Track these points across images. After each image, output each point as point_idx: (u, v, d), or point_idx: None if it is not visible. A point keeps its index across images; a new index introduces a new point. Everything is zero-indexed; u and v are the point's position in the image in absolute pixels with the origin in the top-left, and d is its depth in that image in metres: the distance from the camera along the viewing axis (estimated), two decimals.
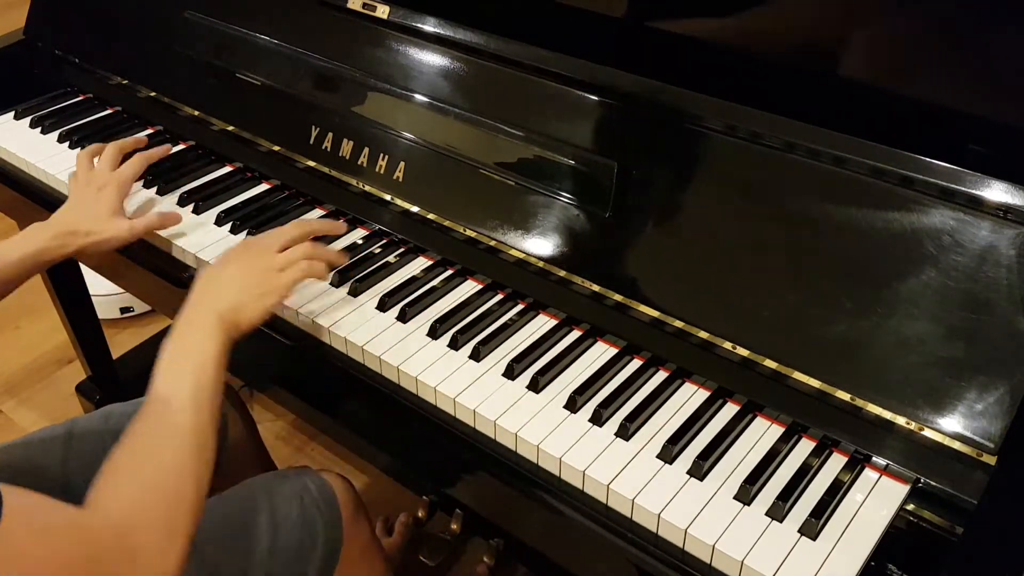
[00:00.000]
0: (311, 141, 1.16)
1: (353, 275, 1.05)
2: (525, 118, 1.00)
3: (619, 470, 0.82)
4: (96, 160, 1.16)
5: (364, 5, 1.13)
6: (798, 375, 0.84)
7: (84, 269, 1.68)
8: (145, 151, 1.18)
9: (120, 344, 1.98)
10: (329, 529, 1.00)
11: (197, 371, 0.82)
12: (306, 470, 1.07)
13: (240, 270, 0.93)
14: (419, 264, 1.09)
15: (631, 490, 0.80)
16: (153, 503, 0.73)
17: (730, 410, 0.89)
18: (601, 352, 0.96)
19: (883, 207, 0.81)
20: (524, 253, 1.00)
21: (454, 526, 1.42)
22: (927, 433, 0.78)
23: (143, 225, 1.10)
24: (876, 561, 0.75)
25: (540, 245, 0.99)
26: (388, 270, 1.07)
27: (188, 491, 0.76)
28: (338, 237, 1.11)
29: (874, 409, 0.81)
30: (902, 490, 0.80)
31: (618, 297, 0.94)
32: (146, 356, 1.92)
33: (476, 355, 0.94)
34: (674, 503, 0.79)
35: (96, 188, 1.11)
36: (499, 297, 1.03)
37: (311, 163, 1.17)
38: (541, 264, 0.99)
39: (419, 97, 1.08)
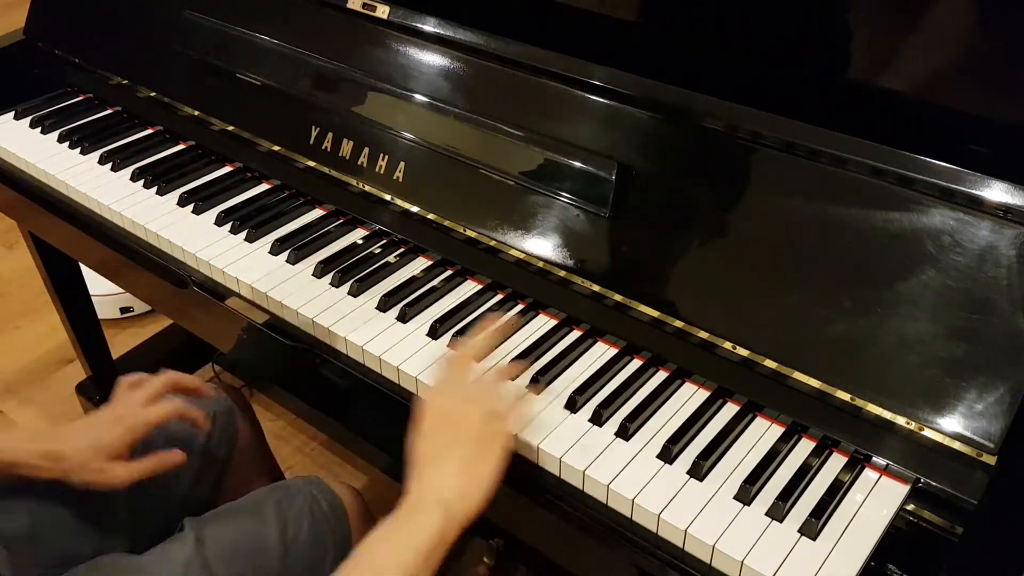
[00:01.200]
0: (311, 141, 1.16)
1: (353, 275, 1.05)
2: (525, 118, 1.00)
3: (619, 470, 0.82)
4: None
5: (364, 5, 1.13)
6: (798, 375, 0.84)
7: (84, 269, 1.68)
8: (189, 409, 1.03)
9: (120, 344, 1.98)
10: (338, 545, 1.00)
11: (415, 564, 0.74)
12: (315, 481, 1.06)
13: (462, 453, 0.80)
14: (419, 264, 1.09)
15: (631, 490, 0.80)
16: None
17: (730, 410, 0.89)
18: (601, 352, 0.96)
19: (883, 207, 0.81)
20: (524, 253, 1.00)
21: None
22: (927, 433, 0.78)
23: (139, 473, 0.96)
24: (876, 561, 0.75)
25: (540, 245, 0.99)
26: (388, 270, 1.07)
27: None
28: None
29: (874, 409, 0.81)
30: (902, 490, 0.80)
31: (618, 297, 0.94)
32: (146, 356, 1.93)
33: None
34: (674, 503, 0.79)
35: (114, 416, 0.97)
36: (499, 297, 1.03)
37: (311, 163, 1.17)
38: (541, 264, 0.99)
39: (419, 97, 1.08)
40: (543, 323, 0.99)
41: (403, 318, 0.99)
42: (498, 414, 0.83)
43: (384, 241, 1.12)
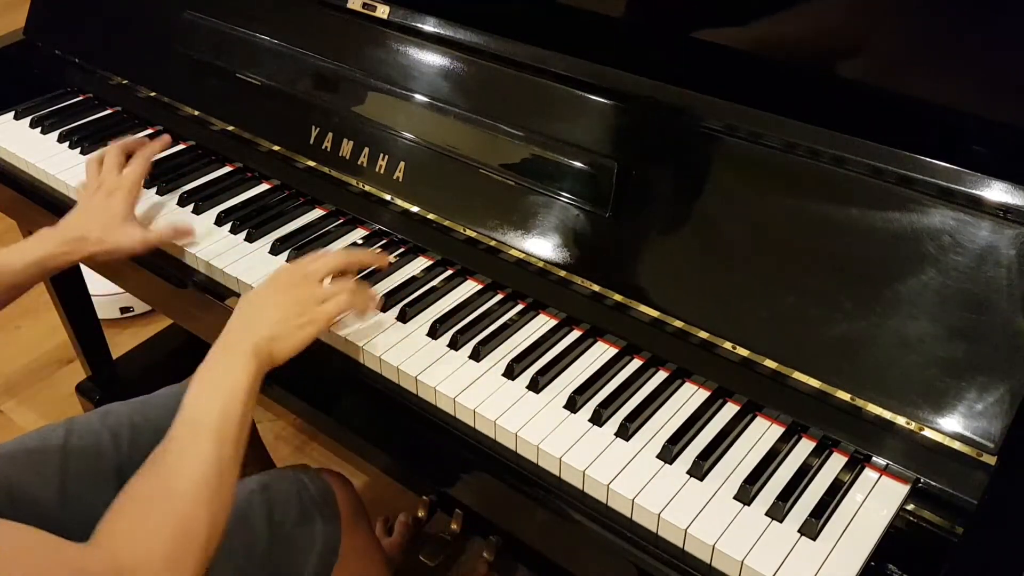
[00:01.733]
0: (311, 141, 1.16)
1: (352, 275, 1.05)
2: (525, 118, 1.00)
3: (619, 470, 0.82)
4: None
5: (364, 5, 1.13)
6: (798, 375, 0.84)
7: (84, 269, 1.68)
8: (145, 148, 1.16)
9: (120, 344, 1.98)
10: (327, 528, 1.00)
11: (226, 400, 0.80)
12: (304, 469, 1.07)
13: (280, 299, 0.90)
14: (419, 264, 1.09)
15: (631, 490, 0.80)
16: (161, 540, 0.70)
17: (730, 410, 0.89)
18: (601, 352, 0.96)
19: (883, 207, 0.81)
20: (524, 253, 1.00)
21: (454, 526, 1.43)
22: (927, 433, 0.78)
23: (156, 237, 1.09)
24: (876, 561, 0.75)
25: (540, 245, 0.99)
26: (388, 270, 1.07)
27: (200, 528, 0.72)
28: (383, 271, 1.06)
29: (874, 409, 0.81)
30: (902, 490, 0.80)
31: (618, 297, 0.94)
32: (146, 356, 1.93)
33: (476, 355, 0.94)
34: (674, 503, 0.79)
35: (105, 194, 1.09)
36: (499, 297, 1.03)
37: (311, 163, 1.17)
38: (541, 264, 0.99)
39: (419, 97, 1.08)
40: (543, 323, 0.99)
41: (403, 318, 0.99)
42: (317, 298, 0.91)
43: (384, 241, 1.12)
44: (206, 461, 0.76)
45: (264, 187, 1.23)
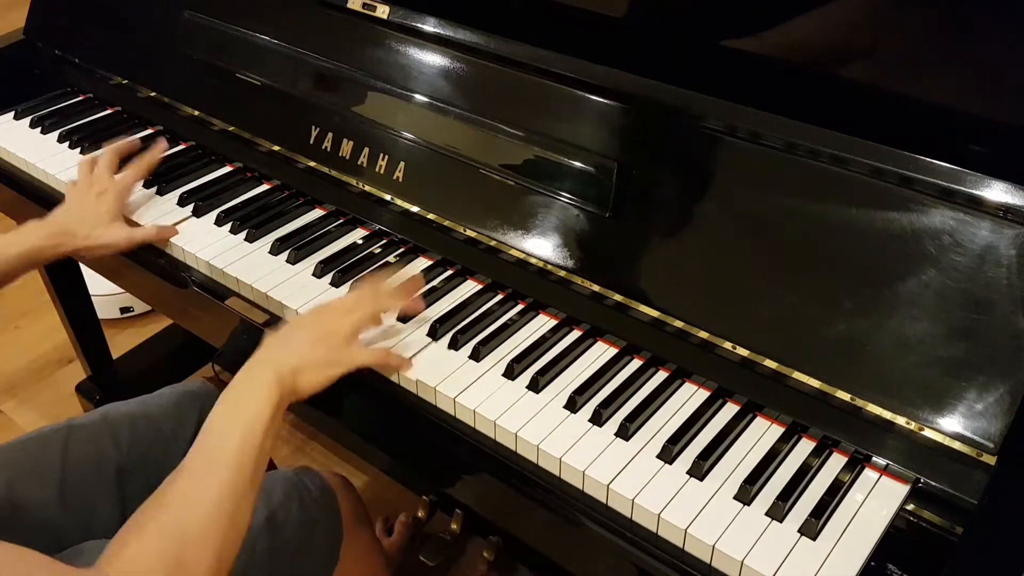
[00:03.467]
0: (311, 141, 1.16)
1: (353, 275, 1.05)
2: (525, 118, 1.00)
3: (619, 470, 0.82)
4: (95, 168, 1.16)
5: (364, 5, 1.13)
6: (798, 375, 0.84)
7: (84, 269, 1.68)
8: (144, 154, 1.19)
9: (120, 344, 1.98)
10: (328, 529, 1.00)
11: (245, 429, 0.79)
12: (305, 470, 1.07)
13: (311, 334, 0.89)
14: (419, 264, 1.09)
15: (631, 490, 0.80)
16: (166, 572, 0.69)
17: (730, 410, 0.89)
18: (601, 352, 0.96)
19: (883, 207, 0.81)
20: (524, 253, 1.00)
21: (454, 526, 1.43)
22: (927, 433, 0.78)
23: (141, 236, 1.11)
24: (876, 561, 0.75)
25: (540, 245, 0.99)
26: (388, 270, 1.07)
27: (209, 561, 0.71)
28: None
29: (874, 409, 0.81)
30: (902, 490, 0.80)
31: (618, 297, 0.94)
32: (146, 356, 1.93)
33: (476, 355, 0.94)
34: (674, 503, 0.79)
35: (96, 193, 1.12)
36: (499, 297, 1.03)
37: (311, 163, 1.17)
38: (541, 264, 0.99)
39: (419, 97, 1.08)
40: (543, 323, 0.99)
41: (403, 318, 0.99)
42: (347, 337, 0.90)
43: (384, 241, 1.12)
44: (220, 493, 0.74)
45: (264, 187, 1.23)
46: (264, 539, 0.95)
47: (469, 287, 1.05)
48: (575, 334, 0.98)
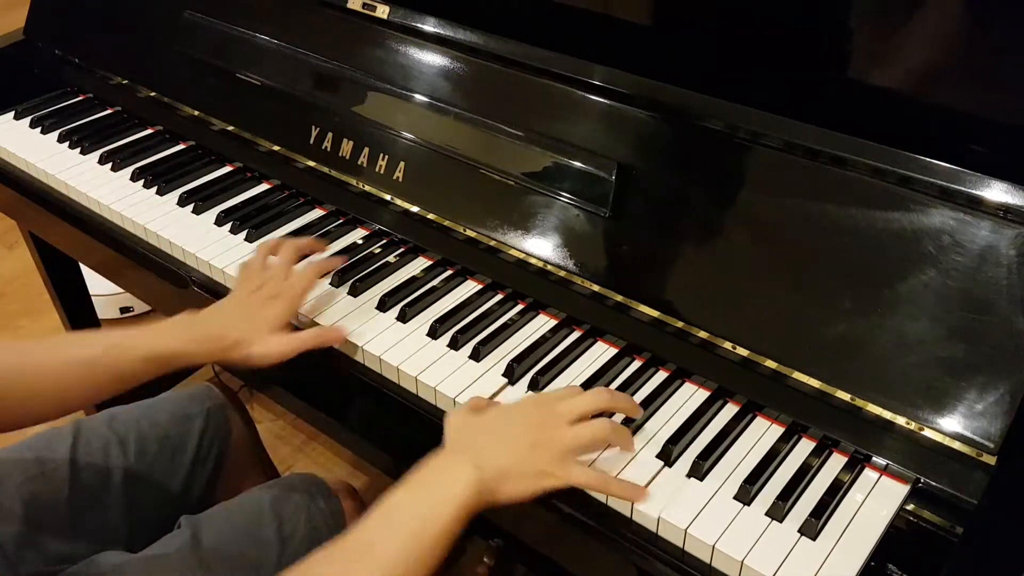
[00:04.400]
0: (311, 141, 1.16)
1: (353, 275, 1.05)
2: (525, 118, 1.00)
3: (619, 470, 0.82)
4: (271, 257, 1.02)
5: (364, 5, 1.13)
6: (798, 375, 0.84)
7: (84, 269, 1.68)
8: (323, 259, 1.06)
9: None
10: (332, 536, 1.00)
11: (421, 528, 0.69)
12: (312, 480, 1.06)
13: (529, 436, 0.77)
14: (419, 264, 1.09)
15: None
16: None
17: (730, 410, 0.89)
18: (601, 352, 0.96)
19: (883, 207, 0.81)
20: (524, 253, 1.00)
21: None
22: (927, 433, 0.78)
23: (299, 343, 0.93)
24: (876, 561, 0.75)
25: (540, 245, 0.99)
26: (388, 270, 1.07)
27: None
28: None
29: (874, 409, 0.81)
30: (902, 490, 0.80)
31: (618, 297, 0.94)
32: None
33: (476, 355, 0.94)
34: (674, 503, 0.79)
35: (266, 296, 0.95)
36: (499, 297, 1.03)
37: (311, 163, 1.17)
38: (541, 264, 0.99)
39: (419, 97, 1.08)
40: (543, 323, 0.99)
41: (403, 318, 0.99)
42: (567, 448, 0.77)
43: (384, 241, 1.12)
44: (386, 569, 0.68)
45: (264, 187, 1.24)
46: (273, 555, 0.95)
47: (469, 287, 1.05)
48: (575, 334, 0.98)
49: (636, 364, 0.94)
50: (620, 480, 0.80)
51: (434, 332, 0.97)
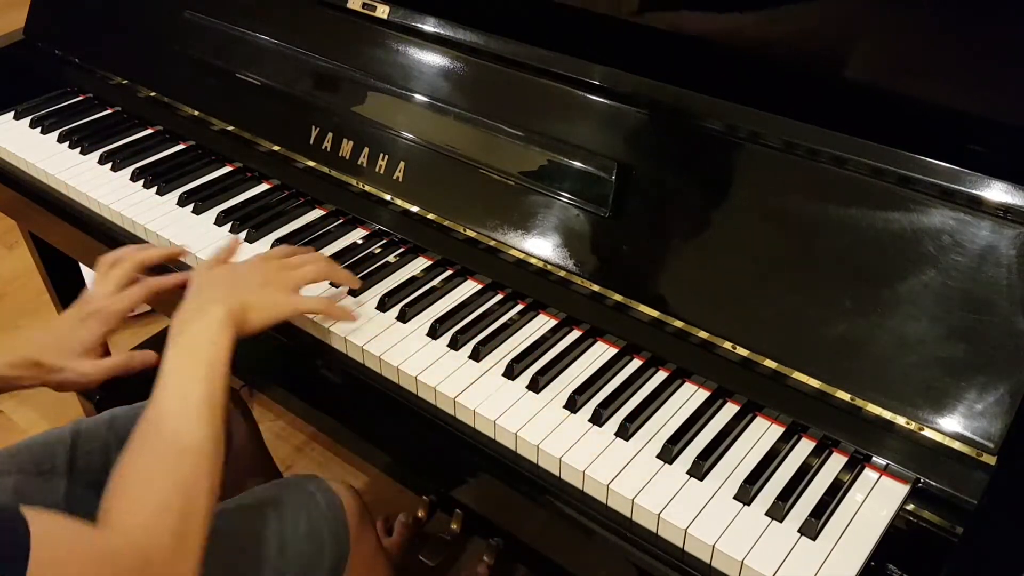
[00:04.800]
0: (311, 141, 1.16)
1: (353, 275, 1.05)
2: (525, 118, 1.00)
3: (619, 470, 0.82)
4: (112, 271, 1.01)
5: (364, 5, 1.13)
6: (798, 375, 0.84)
7: (84, 269, 1.68)
8: (158, 280, 1.03)
9: (120, 344, 1.98)
10: (335, 542, 1.00)
11: (209, 374, 0.80)
12: (312, 479, 1.06)
13: (257, 277, 0.91)
14: (419, 264, 1.09)
15: (631, 490, 0.80)
16: (168, 519, 0.71)
17: (730, 410, 0.89)
18: (601, 352, 0.96)
19: (883, 207, 0.81)
20: (524, 253, 1.00)
21: (454, 526, 1.42)
22: (927, 433, 0.78)
23: (109, 366, 0.97)
24: (876, 561, 0.75)
25: (540, 245, 0.99)
26: (388, 270, 1.07)
27: (201, 503, 0.74)
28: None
29: (874, 409, 0.81)
30: (902, 490, 0.80)
31: (618, 297, 0.94)
32: None
33: (476, 355, 0.94)
34: (674, 503, 0.79)
35: (84, 314, 0.97)
36: (499, 297, 1.03)
37: (311, 163, 1.17)
38: (541, 264, 0.99)
39: (419, 97, 1.08)
40: (543, 323, 0.99)
41: (403, 318, 0.99)
42: (288, 267, 0.93)
43: (384, 241, 1.12)
44: (201, 431, 0.76)
45: (264, 187, 1.24)
46: (273, 553, 0.95)
47: (469, 287, 1.05)
48: (575, 334, 0.98)
49: (636, 364, 0.94)
50: (340, 306, 0.97)
51: (434, 332, 0.97)
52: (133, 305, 1.00)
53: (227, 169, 1.27)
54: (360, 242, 1.12)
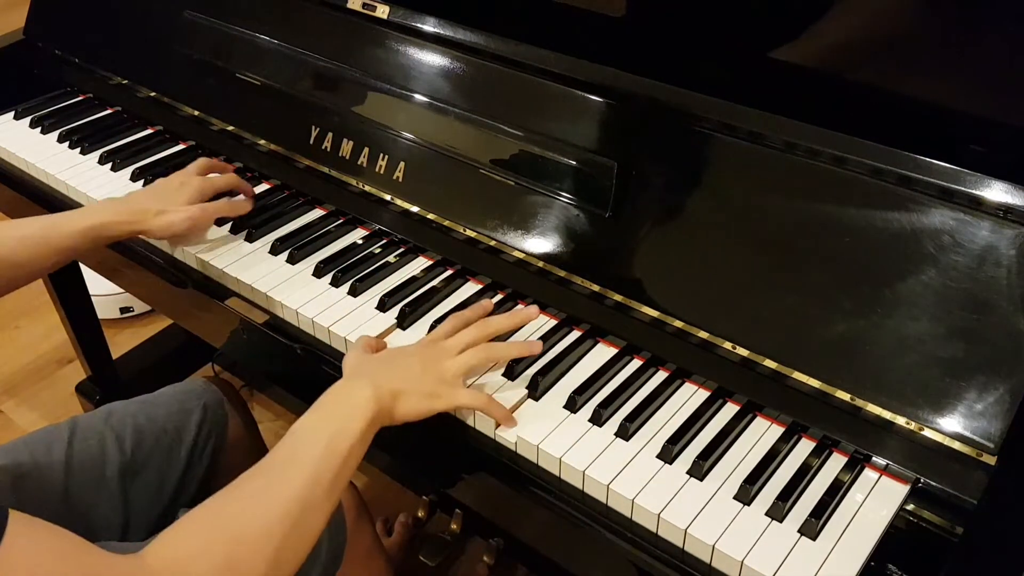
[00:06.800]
0: (311, 141, 1.16)
1: (353, 275, 1.05)
2: (525, 118, 1.00)
3: (619, 470, 0.82)
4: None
5: (364, 5, 1.13)
6: (798, 375, 0.84)
7: (84, 269, 1.68)
8: (235, 177, 1.17)
9: (120, 344, 1.98)
10: (333, 534, 1.00)
11: (332, 439, 0.77)
12: None
13: (419, 363, 0.86)
14: (419, 264, 1.09)
15: (631, 490, 0.80)
16: (203, 564, 0.67)
17: (730, 410, 0.89)
18: (601, 352, 0.96)
19: (883, 207, 0.81)
20: (524, 253, 1.00)
21: (454, 526, 1.42)
22: (927, 433, 0.78)
23: (214, 208, 1.10)
24: (876, 561, 0.75)
25: (540, 245, 0.99)
26: (388, 270, 1.07)
27: (262, 565, 0.69)
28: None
29: (874, 409, 0.81)
30: (902, 490, 0.80)
31: (618, 297, 0.94)
32: (146, 356, 1.93)
33: None
34: (674, 503, 0.79)
35: (178, 183, 1.10)
36: (499, 297, 1.03)
37: (311, 163, 1.17)
38: (541, 264, 0.99)
39: (419, 97, 1.08)
40: (543, 323, 0.99)
41: (402, 319, 0.99)
42: (454, 374, 0.87)
43: (384, 241, 1.12)
44: (289, 497, 0.72)
45: (264, 187, 1.23)
46: None
47: (469, 287, 1.05)
48: (575, 334, 0.98)
49: (636, 364, 0.94)
50: (500, 404, 0.87)
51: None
52: (224, 187, 1.14)
53: None
54: (360, 242, 1.12)
